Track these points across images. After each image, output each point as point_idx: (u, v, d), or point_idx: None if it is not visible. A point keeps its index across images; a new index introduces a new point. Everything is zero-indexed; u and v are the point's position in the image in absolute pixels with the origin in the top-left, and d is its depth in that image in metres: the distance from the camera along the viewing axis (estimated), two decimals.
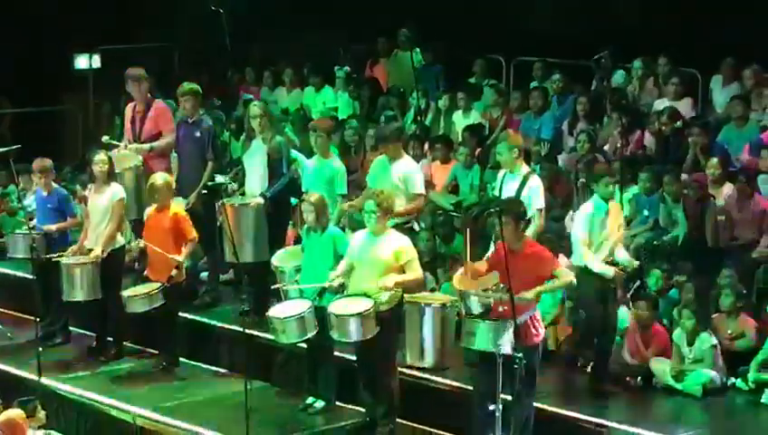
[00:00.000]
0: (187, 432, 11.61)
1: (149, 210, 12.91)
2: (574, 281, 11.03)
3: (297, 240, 12.89)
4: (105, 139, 13.97)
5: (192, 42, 19.02)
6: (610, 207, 11.55)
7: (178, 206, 13.01)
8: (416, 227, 12.93)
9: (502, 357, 10.11)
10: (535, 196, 11.81)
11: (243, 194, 13.43)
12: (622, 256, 11.63)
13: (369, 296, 11.02)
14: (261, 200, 13.12)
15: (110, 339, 13.36)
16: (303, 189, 12.87)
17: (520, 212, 10.72)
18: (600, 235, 11.47)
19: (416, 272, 11.19)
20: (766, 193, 12.77)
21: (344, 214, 12.86)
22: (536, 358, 10.62)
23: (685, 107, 14.78)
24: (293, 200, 13.46)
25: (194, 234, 12.76)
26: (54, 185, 13.65)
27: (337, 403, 11.92)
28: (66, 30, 18.78)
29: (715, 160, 13.18)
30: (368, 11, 17.73)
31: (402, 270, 11.09)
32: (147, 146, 13.89)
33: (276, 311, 11.56)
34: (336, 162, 13.10)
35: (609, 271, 11.38)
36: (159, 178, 12.81)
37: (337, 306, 11.11)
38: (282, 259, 12.47)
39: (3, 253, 14.51)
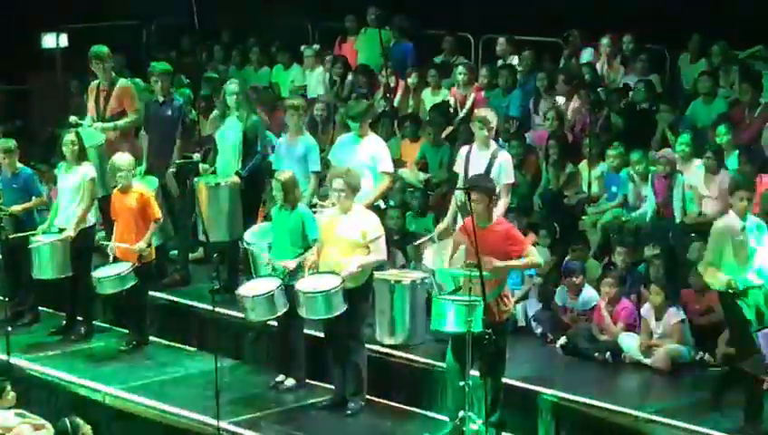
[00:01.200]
0: (157, 411, 11.61)
1: (115, 191, 12.88)
2: (542, 262, 11.04)
3: (266, 218, 12.87)
4: (72, 118, 13.92)
5: (160, 19, 18.93)
6: (749, 223, 10.52)
7: (146, 185, 12.98)
8: (381, 205, 12.91)
9: (472, 334, 10.14)
10: (505, 171, 11.87)
11: (215, 172, 13.41)
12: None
13: (337, 274, 11.04)
14: (236, 179, 13.10)
15: (80, 318, 13.33)
16: (274, 167, 12.85)
17: (490, 188, 10.75)
18: (740, 252, 10.44)
19: (380, 253, 11.20)
20: (733, 169, 12.82)
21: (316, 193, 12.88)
22: (506, 334, 10.67)
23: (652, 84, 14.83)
24: None
25: (158, 215, 12.73)
26: (19, 165, 13.58)
27: (307, 381, 11.95)
28: (33, 8, 18.64)
29: (684, 136, 13.22)
30: None
31: (369, 248, 11.12)
32: (111, 124, 13.87)
33: (245, 289, 11.58)
34: (309, 139, 13.08)
35: (722, 285, 10.37)
36: (121, 158, 12.77)
37: (305, 284, 11.13)
38: (254, 237, 12.46)
39: None
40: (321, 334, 11.74)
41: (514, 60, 16.07)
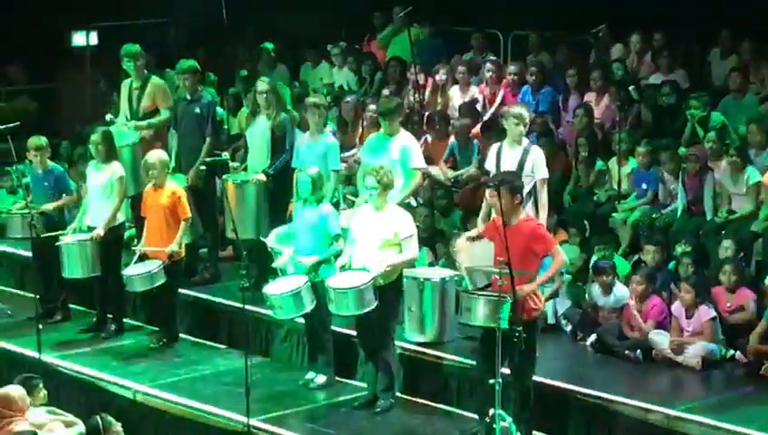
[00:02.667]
0: (187, 408, 11.64)
1: (147, 187, 12.92)
2: (567, 260, 10.98)
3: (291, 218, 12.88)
4: (108, 117, 13.96)
5: (189, 17, 18.98)
6: None
7: (178, 183, 13.02)
8: (413, 202, 12.90)
9: (501, 331, 10.12)
10: (539, 166, 11.81)
11: (245, 170, 13.43)
12: None
13: (368, 271, 11.04)
14: (263, 177, 13.12)
15: (110, 316, 13.38)
16: (294, 165, 12.84)
17: (517, 186, 10.70)
18: None
19: (411, 251, 11.20)
20: (760, 165, 12.75)
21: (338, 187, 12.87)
22: (535, 332, 10.64)
23: (679, 79, 14.75)
24: None
25: (188, 214, 12.76)
26: (50, 163, 13.64)
27: (337, 378, 11.96)
28: (63, 7, 18.74)
29: (712, 133, 13.16)
30: None
31: (400, 246, 11.11)
32: (144, 123, 13.91)
33: (272, 287, 11.59)
34: (329, 138, 13.08)
35: None
36: (154, 155, 12.81)
37: (336, 280, 11.14)
38: (278, 238, 12.45)
39: (2, 231, 14.46)
40: (351, 332, 11.75)
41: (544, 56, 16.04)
